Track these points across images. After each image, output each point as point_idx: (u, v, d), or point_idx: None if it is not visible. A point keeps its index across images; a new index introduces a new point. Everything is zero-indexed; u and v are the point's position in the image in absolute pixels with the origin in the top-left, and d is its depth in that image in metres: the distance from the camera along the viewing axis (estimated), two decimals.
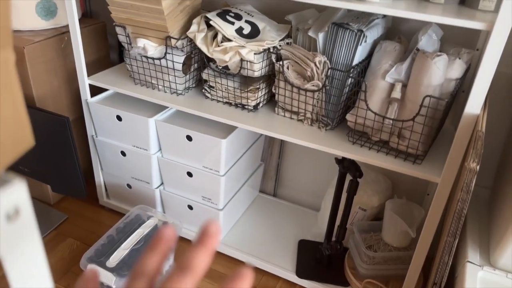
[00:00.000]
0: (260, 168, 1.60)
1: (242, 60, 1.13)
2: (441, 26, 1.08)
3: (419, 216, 1.24)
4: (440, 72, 0.96)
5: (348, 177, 1.20)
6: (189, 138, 1.31)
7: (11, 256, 0.35)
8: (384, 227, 1.28)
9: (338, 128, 1.16)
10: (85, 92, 1.39)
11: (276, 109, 1.23)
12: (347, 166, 1.17)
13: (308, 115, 1.16)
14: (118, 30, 1.25)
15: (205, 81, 1.27)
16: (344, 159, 1.17)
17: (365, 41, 1.03)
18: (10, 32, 0.33)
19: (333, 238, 1.30)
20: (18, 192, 0.34)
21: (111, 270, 1.13)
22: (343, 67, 1.06)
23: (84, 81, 1.37)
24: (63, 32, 1.44)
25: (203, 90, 1.30)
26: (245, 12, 1.20)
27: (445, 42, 1.10)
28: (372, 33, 1.06)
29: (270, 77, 1.23)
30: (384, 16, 1.13)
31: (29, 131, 0.37)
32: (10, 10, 0.35)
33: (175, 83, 1.29)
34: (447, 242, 0.87)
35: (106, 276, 1.12)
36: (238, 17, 1.17)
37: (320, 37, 1.06)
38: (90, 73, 1.40)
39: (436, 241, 1.15)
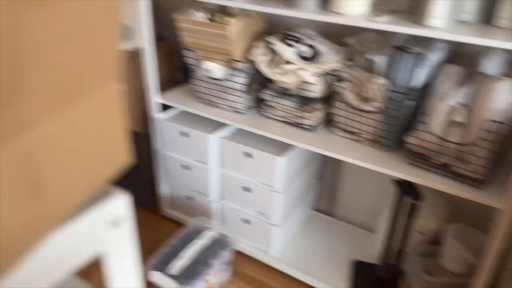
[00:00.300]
0: (315, 186, 1.62)
1: (302, 81, 1.17)
2: (506, 50, 1.06)
3: (480, 242, 1.21)
4: (504, 96, 0.94)
5: (406, 199, 1.19)
6: (247, 154, 1.36)
7: (113, 255, 0.41)
8: (443, 252, 1.25)
9: (397, 150, 1.17)
10: (154, 109, 1.50)
11: (333, 129, 1.26)
12: (405, 189, 1.16)
13: (366, 135, 1.18)
14: (187, 53, 1.34)
15: (265, 100, 1.33)
16: (402, 181, 1.17)
17: (426, 64, 1.04)
18: (118, 66, 0.40)
19: (389, 261, 1.29)
20: (122, 203, 0.40)
21: (173, 278, 1.19)
22: (403, 89, 1.07)
23: (154, 99, 1.48)
24: (135, 54, 1.56)
25: (263, 109, 1.35)
26: (306, 35, 1.25)
27: (509, 66, 1.08)
28: (433, 56, 1.06)
29: (328, 98, 1.26)
30: None
31: (128, 150, 0.43)
32: (118, 46, 0.42)
33: (237, 102, 1.35)
34: (510, 270, 0.85)
35: (169, 284, 1.19)
36: (299, 40, 1.22)
37: (380, 60, 1.08)
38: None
39: (497, 269, 1.12)
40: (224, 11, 1.31)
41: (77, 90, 0.34)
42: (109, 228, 0.40)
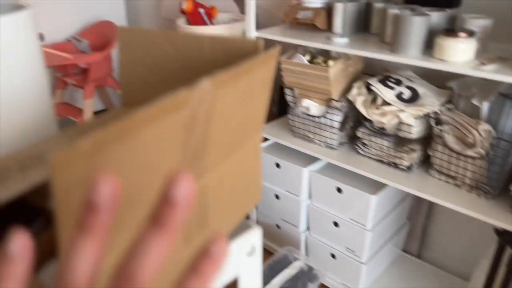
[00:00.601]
0: (406, 227, 1.60)
1: (400, 122, 1.19)
2: None
3: None
4: None
5: (507, 250, 1.13)
6: (339, 190, 1.39)
7: (246, 279, 0.47)
8: None
9: (500, 198, 1.13)
10: None
11: (431, 171, 1.25)
12: (507, 239, 1.11)
13: (467, 181, 1.15)
14: (287, 90, 1.42)
15: (359, 138, 1.36)
16: (504, 230, 1.12)
17: None
18: (263, 120, 0.47)
19: None
20: (256, 235, 0.47)
21: None
22: (509, 137, 1.04)
23: None
24: None
25: (356, 147, 1.38)
26: (405, 77, 1.27)
27: None
28: None
29: (426, 139, 1.26)
30: None
31: (261, 189, 0.50)
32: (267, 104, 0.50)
33: (331, 138, 1.40)
34: None
35: None
36: (398, 82, 1.24)
37: (485, 106, 1.07)
38: None
39: None
40: (324, 53, 1.38)
41: (239, 142, 0.42)
42: (246, 256, 0.46)
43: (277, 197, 1.60)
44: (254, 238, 0.46)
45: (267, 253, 1.73)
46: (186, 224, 0.37)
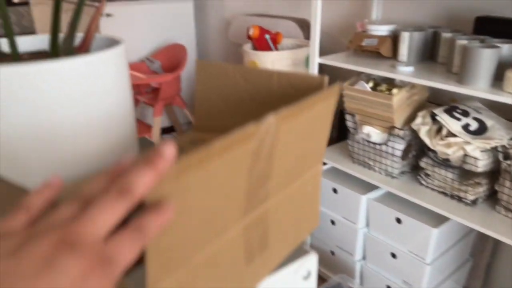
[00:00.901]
0: (468, 264, 1.52)
1: (465, 154, 1.16)
2: None
3: None
4: None
5: None
6: (398, 220, 1.36)
7: None
8: None
9: None
10: None
11: (497, 207, 1.19)
12: None
13: None
14: (348, 116, 1.43)
15: (422, 168, 1.33)
16: None
17: None
18: (324, 151, 0.50)
19: None
20: (312, 260, 0.49)
21: None
22: None
23: None
24: None
25: (419, 177, 1.35)
26: (473, 109, 1.24)
27: None
28: None
29: (493, 173, 1.21)
30: None
31: (319, 216, 0.52)
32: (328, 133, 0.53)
33: (392, 166, 1.38)
34: None
35: None
36: (466, 113, 1.21)
37: None
38: None
39: None
40: (388, 80, 1.38)
41: (299, 171, 0.45)
42: (302, 280, 0.49)
43: (333, 223, 1.59)
44: (310, 263, 0.49)
45: (320, 279, 1.71)
46: (249, 244, 0.40)
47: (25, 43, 0.60)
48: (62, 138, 0.47)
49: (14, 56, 0.50)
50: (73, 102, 0.47)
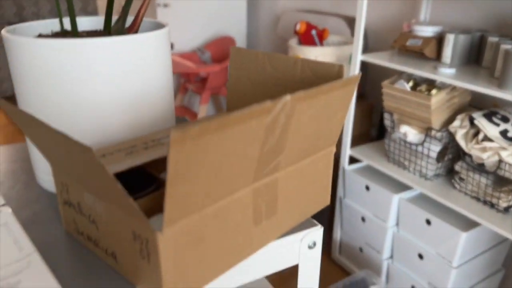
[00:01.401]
0: (499, 274, 1.49)
1: (500, 160, 1.15)
2: None
3: None
4: None
5: None
6: (428, 221, 1.37)
7: (305, 269, 0.55)
8: None
9: None
10: (345, 161, 1.64)
11: None
12: None
13: None
14: (386, 115, 1.45)
15: (457, 172, 1.32)
16: None
17: None
18: (338, 135, 0.54)
19: None
20: (317, 231, 0.54)
21: None
22: None
23: (346, 151, 1.62)
24: None
25: (453, 180, 1.35)
26: None
27: None
28: None
29: None
30: None
31: (329, 196, 0.57)
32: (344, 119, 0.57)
33: (426, 168, 1.38)
34: None
35: None
36: (505, 119, 1.20)
37: None
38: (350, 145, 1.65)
39: None
40: (429, 81, 1.38)
41: (311, 150, 0.50)
42: (307, 248, 0.54)
43: (363, 219, 1.61)
44: (316, 234, 0.53)
45: (345, 273, 1.74)
46: (258, 207, 0.46)
47: (84, 23, 0.69)
48: (105, 107, 0.55)
49: (74, 33, 0.59)
50: (120, 76, 0.54)
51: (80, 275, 0.44)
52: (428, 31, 1.42)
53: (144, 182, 0.48)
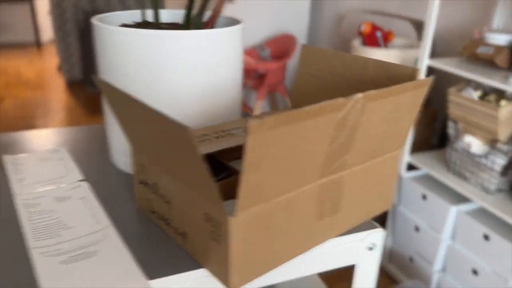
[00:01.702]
0: None
1: None
2: None
3: None
4: None
5: None
6: (486, 237, 1.31)
7: (363, 269, 0.55)
8: None
9: None
10: (402, 167, 1.60)
11: None
12: None
13: None
14: (450, 123, 1.40)
15: None
16: None
17: None
18: (406, 139, 0.54)
19: None
20: (378, 233, 0.54)
21: None
22: None
23: (405, 157, 1.58)
24: None
25: None
26: None
27: None
28: None
29: None
30: None
31: (391, 199, 0.57)
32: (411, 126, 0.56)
33: (489, 181, 1.32)
34: None
35: None
36: None
37: None
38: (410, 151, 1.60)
39: None
40: (498, 91, 1.31)
41: (379, 152, 0.50)
42: (366, 250, 0.54)
43: (416, 229, 1.56)
44: (376, 236, 0.53)
45: (392, 281, 1.70)
46: (322, 203, 0.47)
47: (164, 14, 0.72)
48: (181, 97, 0.58)
49: (156, 24, 0.62)
50: (196, 68, 0.57)
51: (151, 251, 0.48)
52: (500, 39, 1.35)
53: (216, 168, 0.50)
